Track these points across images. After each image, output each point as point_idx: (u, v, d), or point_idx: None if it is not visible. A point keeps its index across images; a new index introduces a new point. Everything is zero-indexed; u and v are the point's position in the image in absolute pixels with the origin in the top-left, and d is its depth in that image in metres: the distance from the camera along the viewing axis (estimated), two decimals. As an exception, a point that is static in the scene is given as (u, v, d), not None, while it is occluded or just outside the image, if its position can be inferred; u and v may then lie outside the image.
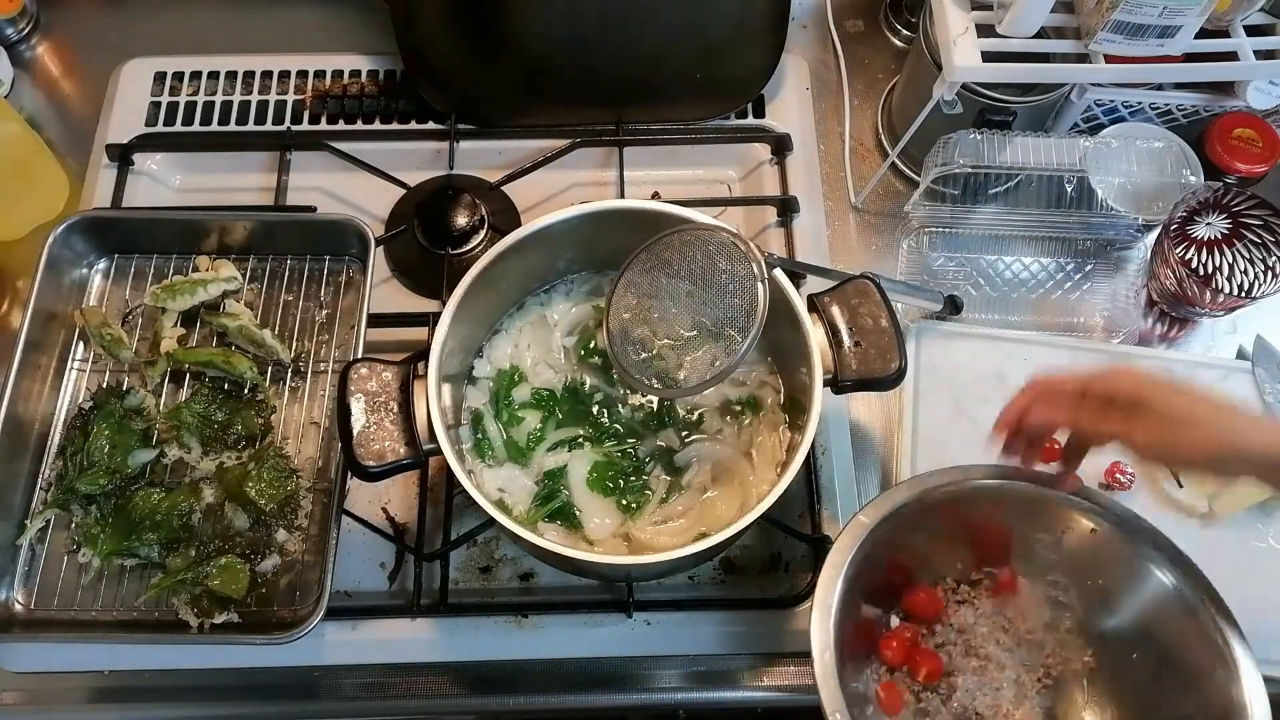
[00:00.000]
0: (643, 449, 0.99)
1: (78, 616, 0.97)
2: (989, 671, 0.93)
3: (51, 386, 1.06)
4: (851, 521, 0.87)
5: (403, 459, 0.86)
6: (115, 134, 1.23)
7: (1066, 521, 0.91)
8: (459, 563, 1.04)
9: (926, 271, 1.18)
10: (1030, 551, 0.94)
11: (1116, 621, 0.92)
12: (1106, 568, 0.91)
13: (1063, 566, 0.94)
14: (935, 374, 1.10)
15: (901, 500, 0.89)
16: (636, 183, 1.22)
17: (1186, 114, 1.18)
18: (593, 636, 1.01)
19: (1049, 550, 0.93)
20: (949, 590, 0.97)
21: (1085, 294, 1.17)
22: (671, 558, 0.85)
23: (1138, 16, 0.98)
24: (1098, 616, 0.93)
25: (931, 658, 0.93)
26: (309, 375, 1.09)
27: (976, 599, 0.96)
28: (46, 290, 1.06)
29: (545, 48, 1.21)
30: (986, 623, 0.95)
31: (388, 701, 0.99)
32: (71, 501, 1.00)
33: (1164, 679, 0.88)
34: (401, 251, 1.18)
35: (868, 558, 0.86)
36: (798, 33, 1.34)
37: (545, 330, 1.04)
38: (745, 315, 0.87)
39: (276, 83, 1.28)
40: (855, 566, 0.85)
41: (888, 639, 0.93)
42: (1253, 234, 1.10)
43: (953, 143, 1.09)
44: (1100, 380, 0.85)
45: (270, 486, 0.99)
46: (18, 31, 1.33)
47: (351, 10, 1.33)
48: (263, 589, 0.98)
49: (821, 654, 0.81)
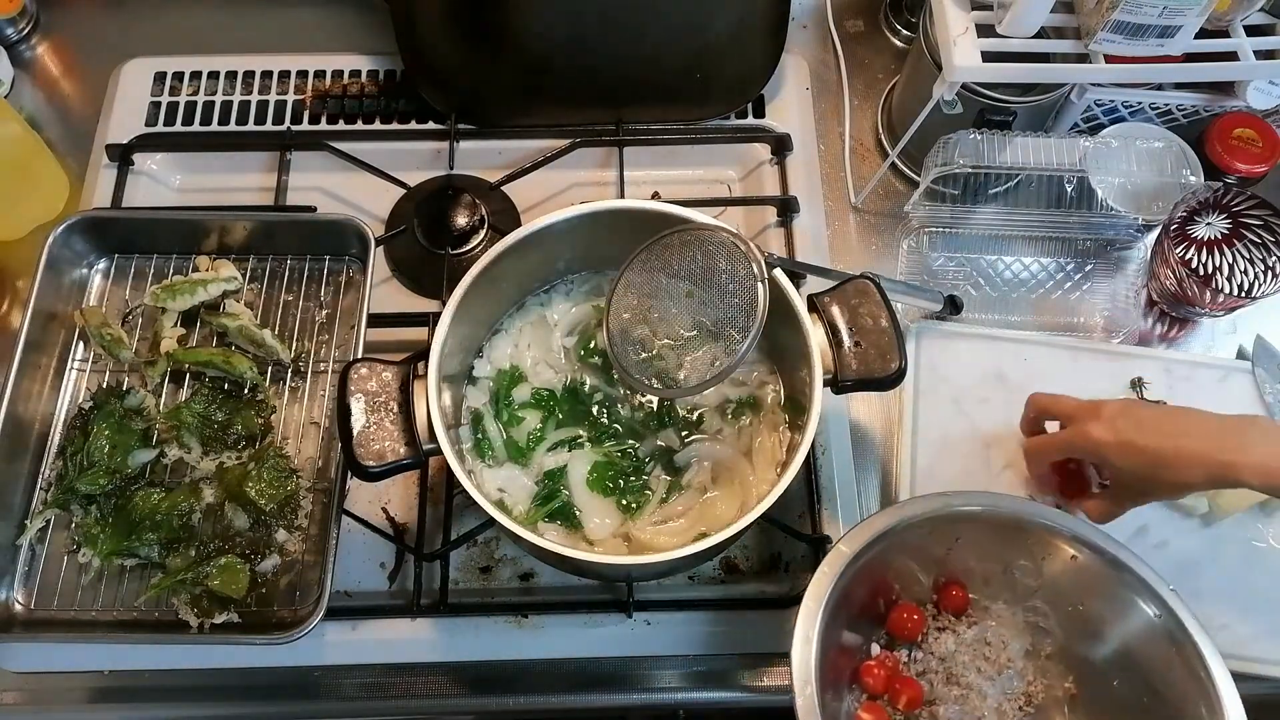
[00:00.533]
0: (643, 449, 0.99)
1: (78, 616, 0.97)
2: (970, 700, 0.91)
3: (51, 386, 1.06)
4: (831, 551, 0.86)
5: (403, 459, 0.86)
6: (115, 134, 1.23)
7: (1047, 548, 0.90)
8: (459, 563, 1.04)
9: (926, 271, 1.18)
10: (1011, 578, 0.93)
11: (1098, 649, 0.91)
12: (1088, 595, 0.90)
13: (1044, 593, 0.92)
14: (935, 374, 1.10)
15: (881, 528, 0.87)
16: (636, 183, 1.22)
17: (1186, 114, 1.18)
18: (593, 636, 1.01)
19: (1029, 577, 0.92)
20: (930, 617, 0.96)
21: (1085, 294, 1.17)
22: (671, 558, 0.85)
23: (1138, 16, 0.98)
24: (1079, 643, 0.92)
25: (912, 686, 0.91)
26: (309, 375, 1.09)
27: (956, 626, 0.95)
28: (46, 290, 1.06)
29: (545, 48, 1.21)
30: (967, 651, 0.94)
31: (388, 701, 0.99)
32: (71, 501, 1.00)
33: (1146, 709, 0.87)
34: (401, 251, 1.18)
35: (849, 585, 0.85)
36: (798, 33, 1.34)
37: (545, 330, 1.04)
38: (745, 315, 0.87)
39: (276, 83, 1.28)
40: (836, 596, 0.84)
41: (869, 667, 0.92)
42: (1253, 234, 1.10)
43: (953, 143, 1.09)
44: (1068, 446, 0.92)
45: (270, 486, 0.99)
46: (18, 31, 1.33)
47: (351, 10, 1.33)
48: (263, 589, 0.98)
49: (803, 689, 0.80)
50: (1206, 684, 0.82)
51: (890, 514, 0.89)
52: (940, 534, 0.91)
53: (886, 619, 0.95)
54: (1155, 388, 1.09)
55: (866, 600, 0.93)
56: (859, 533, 0.87)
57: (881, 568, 0.90)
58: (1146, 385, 1.09)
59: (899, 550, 0.90)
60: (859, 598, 0.89)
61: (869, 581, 0.89)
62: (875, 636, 0.95)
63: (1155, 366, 1.10)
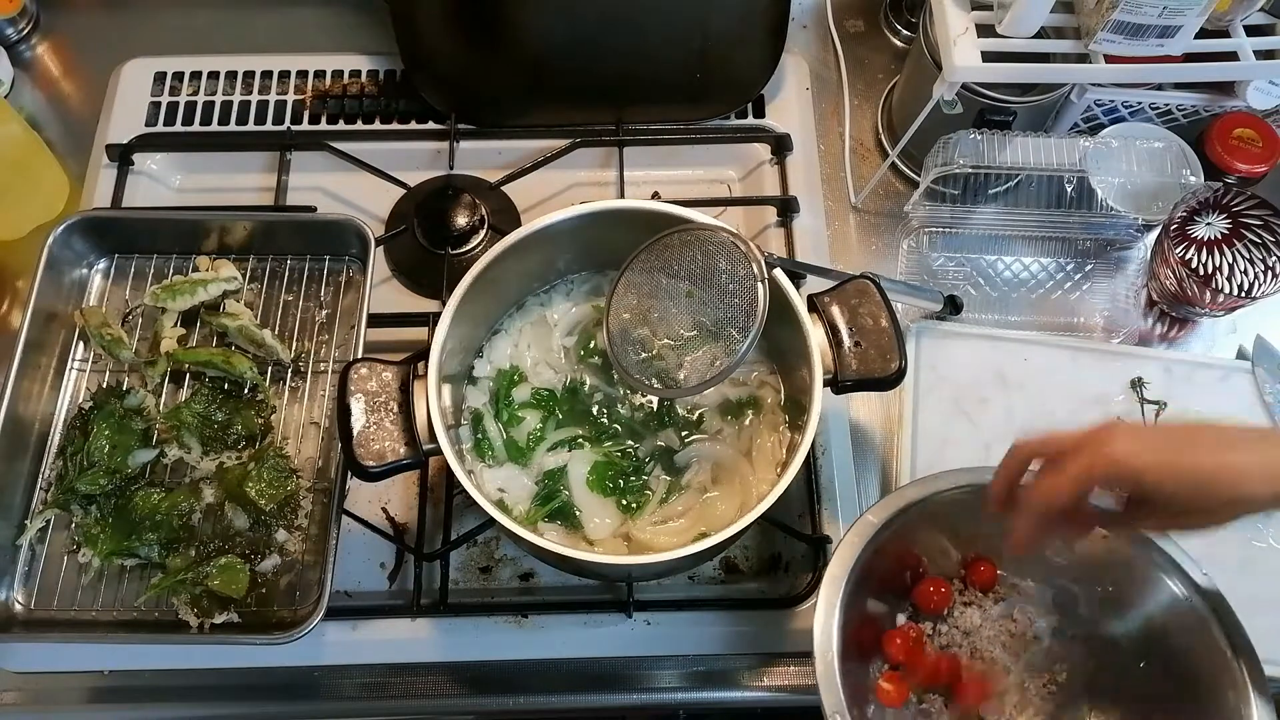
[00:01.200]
0: (643, 449, 0.99)
1: (78, 616, 0.97)
2: (994, 675, 0.92)
3: (51, 386, 1.06)
4: (858, 521, 0.87)
5: (403, 459, 0.86)
6: (115, 134, 1.23)
7: None
8: (459, 563, 1.04)
9: (926, 271, 1.18)
10: (1041, 556, 0.93)
11: (1125, 628, 0.91)
12: (1117, 574, 0.90)
13: (1073, 571, 0.93)
14: (935, 374, 1.10)
15: (911, 499, 0.88)
16: (636, 183, 1.22)
17: (1186, 114, 1.18)
18: (593, 636, 1.01)
19: (1058, 554, 0.93)
20: (957, 591, 0.96)
21: (1085, 294, 1.17)
22: (671, 558, 0.85)
23: (1138, 16, 0.98)
24: (1106, 623, 0.92)
25: (935, 657, 0.92)
26: (309, 375, 1.09)
27: (983, 602, 0.96)
28: (46, 290, 1.06)
29: (545, 47, 1.21)
30: (993, 626, 0.94)
31: (388, 701, 0.99)
32: (71, 501, 1.00)
33: (1171, 691, 0.87)
34: (401, 251, 1.18)
35: (875, 555, 0.86)
36: (798, 33, 1.34)
37: (545, 330, 1.04)
38: (745, 315, 0.87)
39: (276, 83, 1.28)
40: (861, 566, 0.85)
41: (891, 636, 0.93)
42: (1253, 234, 1.10)
43: (953, 143, 1.09)
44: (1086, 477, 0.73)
45: (270, 486, 0.99)
46: (18, 31, 1.33)
47: (351, 10, 1.33)
48: (263, 589, 0.98)
49: (823, 654, 0.81)
50: (1234, 668, 0.82)
51: (921, 485, 0.89)
52: (971, 509, 0.89)
53: (912, 591, 0.95)
54: (1155, 388, 1.09)
55: (893, 572, 0.93)
56: (888, 503, 0.87)
57: (909, 540, 0.90)
58: (1146, 385, 1.09)
59: (928, 523, 0.90)
60: (885, 569, 0.89)
61: (896, 553, 0.89)
62: (901, 607, 0.95)
63: (1155, 366, 1.10)
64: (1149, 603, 0.89)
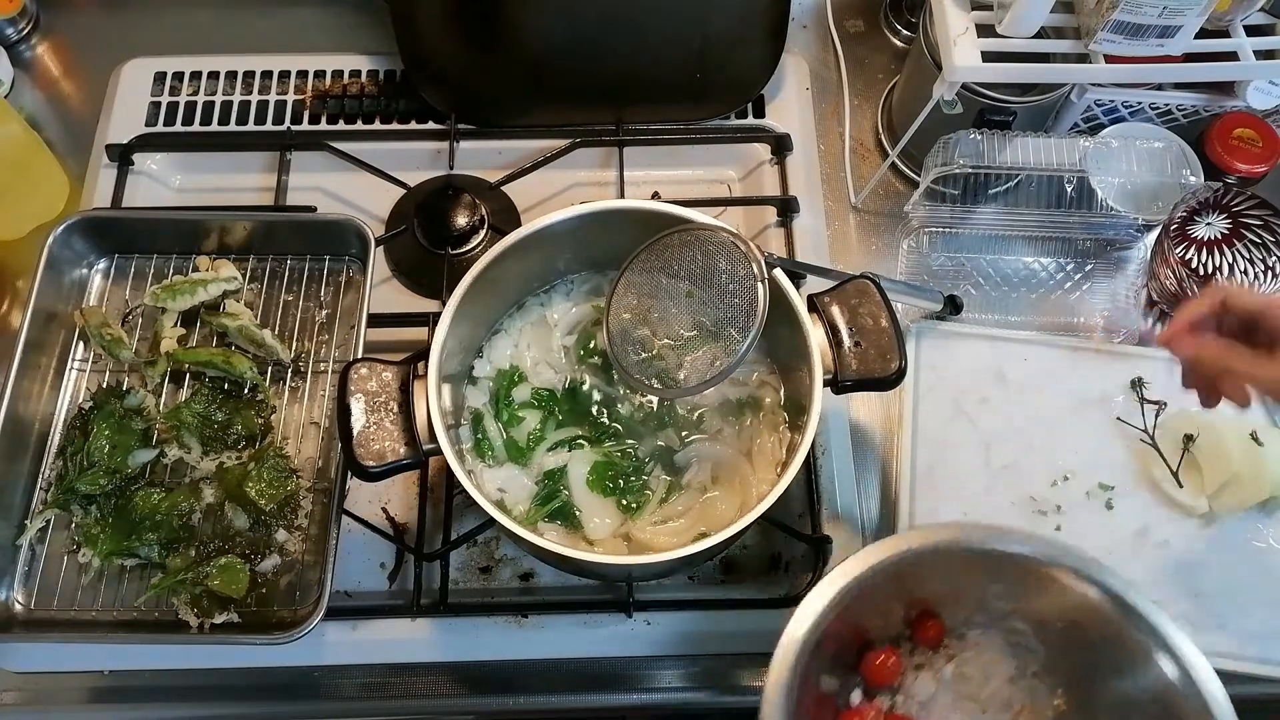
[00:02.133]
0: (643, 449, 0.99)
1: (78, 616, 0.97)
2: None
3: (51, 386, 1.06)
4: (802, 604, 0.83)
5: (403, 459, 0.86)
6: (115, 134, 1.23)
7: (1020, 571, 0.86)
8: (459, 563, 1.04)
9: (926, 271, 1.18)
10: (985, 603, 0.90)
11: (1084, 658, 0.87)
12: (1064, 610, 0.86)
13: (1020, 612, 0.89)
14: (935, 374, 1.10)
15: (853, 574, 0.84)
16: (636, 183, 1.22)
17: (1186, 114, 1.18)
18: (593, 636, 1.01)
19: (1004, 600, 0.89)
20: (906, 654, 0.92)
21: (1085, 294, 1.17)
22: (672, 558, 0.85)
23: (1138, 16, 0.98)
24: (1063, 657, 0.89)
25: None
26: (309, 375, 1.09)
27: (934, 662, 0.92)
28: (46, 290, 1.06)
29: (545, 48, 1.21)
30: (948, 691, 0.90)
31: (388, 701, 0.99)
32: (71, 501, 1.00)
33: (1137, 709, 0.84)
34: (401, 251, 1.18)
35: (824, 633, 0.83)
36: (798, 33, 1.34)
37: (545, 330, 1.04)
38: (745, 315, 0.87)
39: (276, 83, 1.28)
40: (810, 645, 0.81)
41: (849, 716, 0.89)
42: (1253, 234, 1.10)
43: (953, 143, 1.09)
44: None
45: (270, 486, 0.99)
46: (18, 31, 1.33)
47: (351, 10, 1.33)
48: (263, 589, 0.98)
49: None
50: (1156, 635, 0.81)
51: (861, 559, 0.85)
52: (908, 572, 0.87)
53: (860, 664, 0.91)
54: (1155, 388, 1.09)
55: (840, 647, 0.89)
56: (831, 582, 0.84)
57: (855, 614, 0.86)
58: (1146, 385, 1.09)
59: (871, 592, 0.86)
60: (832, 647, 0.86)
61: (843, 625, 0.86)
62: (854, 681, 0.91)
63: (1155, 366, 1.10)
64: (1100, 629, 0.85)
